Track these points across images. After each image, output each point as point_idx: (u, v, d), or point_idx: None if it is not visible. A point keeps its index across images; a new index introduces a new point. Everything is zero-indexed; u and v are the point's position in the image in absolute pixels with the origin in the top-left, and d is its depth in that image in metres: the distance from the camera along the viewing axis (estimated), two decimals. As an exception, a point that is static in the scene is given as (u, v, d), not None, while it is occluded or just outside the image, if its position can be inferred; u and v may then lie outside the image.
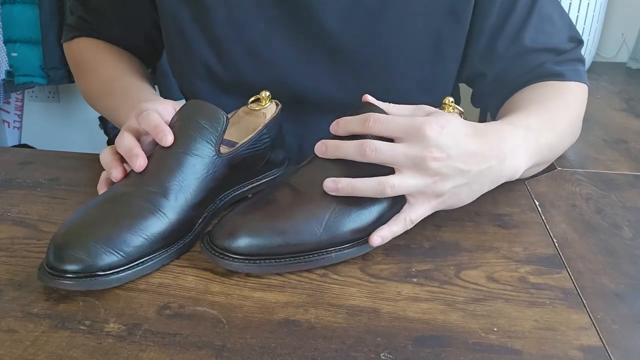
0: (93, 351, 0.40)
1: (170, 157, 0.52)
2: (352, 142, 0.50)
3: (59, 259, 0.45)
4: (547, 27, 0.70)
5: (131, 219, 0.48)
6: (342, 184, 0.49)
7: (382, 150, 0.49)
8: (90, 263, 0.45)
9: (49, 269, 0.45)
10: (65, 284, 0.45)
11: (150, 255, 0.49)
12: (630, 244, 0.55)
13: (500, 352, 0.40)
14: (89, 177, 0.67)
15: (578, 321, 0.44)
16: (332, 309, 0.45)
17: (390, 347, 0.41)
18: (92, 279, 0.45)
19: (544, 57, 0.70)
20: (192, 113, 0.55)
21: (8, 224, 0.57)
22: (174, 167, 0.51)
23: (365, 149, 0.49)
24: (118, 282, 0.46)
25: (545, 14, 0.70)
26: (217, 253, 0.48)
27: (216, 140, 0.54)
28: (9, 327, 0.42)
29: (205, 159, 0.53)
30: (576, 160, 0.79)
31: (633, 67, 1.40)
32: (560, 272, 0.50)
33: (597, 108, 1.08)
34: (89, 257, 0.45)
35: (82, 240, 0.46)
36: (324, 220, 0.49)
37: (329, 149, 0.51)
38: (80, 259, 0.45)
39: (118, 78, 0.74)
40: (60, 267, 0.45)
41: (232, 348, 0.40)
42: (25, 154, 0.76)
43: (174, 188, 0.51)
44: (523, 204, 0.62)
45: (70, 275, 0.45)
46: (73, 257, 0.45)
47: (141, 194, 0.50)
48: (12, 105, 2.35)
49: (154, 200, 0.50)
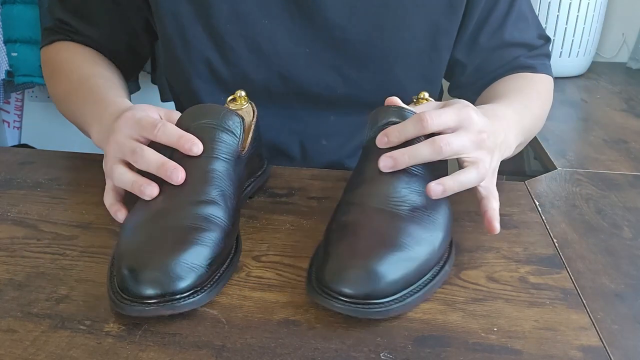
0: (93, 351, 0.40)
1: (200, 164, 0.50)
2: (423, 143, 0.49)
3: (136, 284, 0.41)
4: (522, 24, 0.76)
5: (196, 232, 0.45)
6: (399, 157, 0.49)
7: (453, 142, 0.50)
8: (171, 286, 0.42)
9: (126, 296, 0.42)
10: (148, 310, 0.41)
11: (220, 269, 0.47)
12: (630, 244, 0.55)
13: (500, 352, 0.40)
14: (89, 177, 0.67)
15: (578, 321, 0.44)
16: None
17: (390, 347, 0.41)
18: (173, 303, 0.42)
19: (519, 52, 0.76)
20: (199, 116, 0.53)
21: (8, 224, 0.57)
22: (209, 174, 0.49)
23: (440, 145, 0.49)
24: (200, 304, 0.43)
25: (521, 11, 0.76)
26: (353, 304, 0.42)
27: (239, 140, 0.53)
28: (9, 327, 0.42)
29: (231, 162, 0.51)
30: (576, 160, 0.79)
31: (633, 67, 1.40)
32: (560, 272, 0.50)
33: (597, 108, 1.08)
34: (169, 279, 0.42)
35: (158, 263, 0.42)
36: (437, 246, 0.46)
37: (399, 161, 0.48)
38: (160, 283, 0.41)
39: (89, 78, 0.69)
40: (140, 293, 0.41)
41: (232, 348, 0.40)
42: (25, 154, 0.76)
43: (218, 194, 0.48)
44: (523, 204, 0.62)
45: (152, 301, 0.41)
46: (153, 281, 0.41)
47: (187, 205, 0.47)
48: (12, 105, 2.35)
49: (205, 210, 0.47)
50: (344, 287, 0.41)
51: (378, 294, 0.42)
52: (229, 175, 0.51)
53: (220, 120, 0.52)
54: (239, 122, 0.54)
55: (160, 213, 0.47)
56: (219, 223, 0.47)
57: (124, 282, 0.42)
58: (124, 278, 0.42)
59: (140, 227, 0.46)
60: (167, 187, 0.49)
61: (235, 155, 0.52)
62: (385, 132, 0.50)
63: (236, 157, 0.53)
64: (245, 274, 0.49)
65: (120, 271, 0.43)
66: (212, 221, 0.46)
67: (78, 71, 0.71)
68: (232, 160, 0.52)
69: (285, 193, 0.64)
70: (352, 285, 0.41)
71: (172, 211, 0.47)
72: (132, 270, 0.42)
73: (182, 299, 0.42)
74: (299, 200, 0.62)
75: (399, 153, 0.49)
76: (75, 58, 0.74)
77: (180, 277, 0.42)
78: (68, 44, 0.77)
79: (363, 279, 0.42)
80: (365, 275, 0.42)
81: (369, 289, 0.42)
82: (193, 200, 0.47)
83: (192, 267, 0.43)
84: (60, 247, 0.53)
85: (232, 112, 0.54)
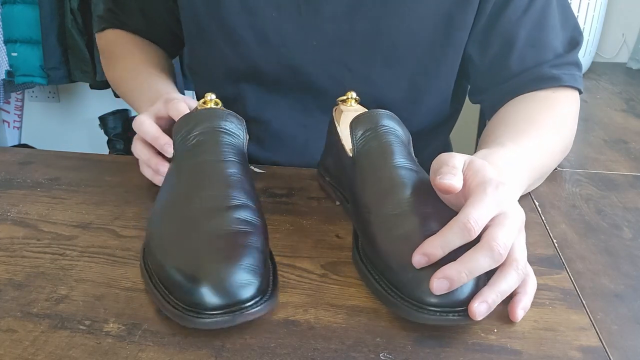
0: (92, 351, 0.40)
1: (216, 169, 0.49)
2: (481, 254, 0.41)
3: (202, 296, 0.39)
4: (548, 22, 0.68)
5: (245, 236, 0.44)
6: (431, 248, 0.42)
7: (507, 241, 0.42)
8: (238, 294, 0.40)
9: (193, 308, 0.40)
10: (220, 320, 0.39)
11: (271, 272, 0.45)
12: (630, 245, 0.55)
13: (500, 353, 0.40)
14: (89, 177, 0.67)
15: (578, 321, 0.44)
16: (331, 309, 0.45)
17: (390, 347, 0.41)
18: (242, 312, 0.40)
19: (542, 56, 0.68)
20: (201, 121, 0.53)
21: (8, 224, 0.57)
22: (230, 178, 0.49)
23: (500, 252, 0.41)
24: (263, 312, 0.41)
25: (547, 7, 0.68)
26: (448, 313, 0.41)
27: (243, 141, 0.54)
28: (9, 326, 0.42)
29: (241, 163, 0.51)
30: (576, 161, 0.79)
31: (633, 67, 1.40)
32: (560, 272, 0.50)
33: (597, 108, 1.08)
34: (235, 287, 0.40)
35: (220, 271, 0.40)
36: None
37: (456, 281, 0.40)
38: (226, 292, 0.39)
39: (140, 67, 0.78)
40: (208, 304, 0.39)
41: (231, 348, 0.40)
42: (25, 154, 0.76)
43: (245, 196, 0.48)
44: (523, 204, 0.62)
45: (217, 312, 0.39)
46: (221, 290, 0.39)
47: (224, 211, 0.46)
48: (12, 105, 2.35)
49: (242, 213, 0.46)
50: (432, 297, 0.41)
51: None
52: (244, 176, 0.51)
53: (225, 123, 0.53)
54: (241, 123, 0.54)
55: (195, 220, 0.45)
56: (257, 224, 0.46)
57: (189, 295, 0.40)
58: (189, 291, 0.40)
59: (180, 236, 0.44)
60: (191, 195, 0.48)
61: (242, 156, 0.53)
62: (422, 251, 0.42)
63: (243, 158, 0.53)
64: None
65: (179, 284, 0.41)
66: (251, 223, 0.46)
67: (130, 62, 0.81)
68: (241, 161, 0.52)
69: (285, 193, 0.64)
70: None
71: (210, 218, 0.45)
72: (194, 282, 0.40)
73: (251, 306, 0.40)
74: (299, 200, 0.62)
75: (455, 272, 0.40)
76: (125, 49, 0.84)
77: (245, 284, 0.40)
78: (117, 32, 0.86)
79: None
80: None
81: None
82: (226, 205, 0.46)
83: (254, 270, 0.41)
84: (60, 247, 0.53)
85: (233, 114, 0.54)
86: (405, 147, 0.53)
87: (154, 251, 0.45)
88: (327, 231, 0.56)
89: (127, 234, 0.55)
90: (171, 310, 0.41)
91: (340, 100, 0.62)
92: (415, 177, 0.50)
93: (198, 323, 0.39)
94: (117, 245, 0.53)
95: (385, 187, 0.49)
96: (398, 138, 0.53)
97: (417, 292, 0.41)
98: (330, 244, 0.54)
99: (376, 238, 0.46)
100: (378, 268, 0.45)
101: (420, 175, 0.50)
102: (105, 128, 2.26)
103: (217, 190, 0.48)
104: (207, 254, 0.42)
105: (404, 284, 0.42)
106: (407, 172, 0.50)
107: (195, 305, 0.40)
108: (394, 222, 0.46)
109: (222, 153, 0.51)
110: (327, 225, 0.57)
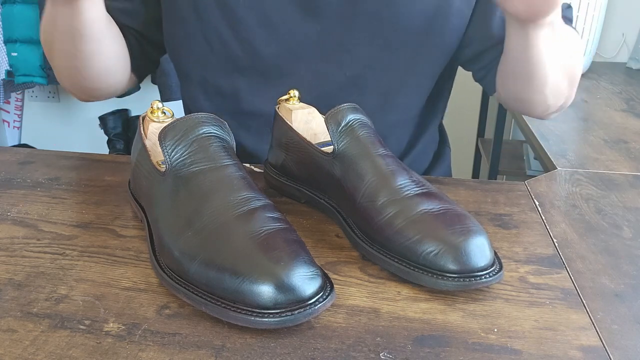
0: (92, 351, 0.40)
1: (225, 173, 0.49)
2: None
3: (272, 298, 0.40)
4: None
5: (283, 232, 0.44)
6: None
7: None
8: (303, 289, 0.41)
9: (266, 311, 0.41)
10: (299, 315, 0.41)
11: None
12: (630, 244, 0.55)
13: (500, 352, 0.40)
14: (89, 177, 0.67)
15: (578, 321, 0.44)
16: (331, 308, 0.45)
17: (390, 347, 0.41)
18: (311, 307, 0.41)
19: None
20: (192, 127, 0.51)
21: (8, 223, 0.57)
22: (242, 180, 0.49)
23: None
24: (324, 308, 0.42)
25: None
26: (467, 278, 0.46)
27: (232, 142, 0.53)
28: (9, 326, 0.42)
29: (240, 164, 0.51)
30: (576, 160, 0.79)
31: (633, 67, 1.40)
32: (560, 272, 0.50)
33: (597, 108, 1.08)
34: (303, 283, 0.41)
35: (286, 271, 0.41)
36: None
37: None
38: (293, 289, 0.41)
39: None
40: (278, 302, 0.40)
41: (231, 348, 0.40)
42: (25, 154, 0.76)
43: (262, 195, 0.48)
44: (523, 204, 0.62)
45: (280, 311, 0.40)
46: (290, 288, 0.41)
47: (254, 212, 0.46)
48: (12, 105, 2.35)
49: (269, 212, 0.46)
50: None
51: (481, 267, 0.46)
52: (248, 176, 0.51)
53: (210, 128, 0.52)
54: (224, 125, 0.53)
55: (228, 228, 0.44)
56: (285, 219, 0.47)
57: (260, 298, 0.41)
58: (260, 294, 0.41)
59: (222, 248, 0.43)
60: (211, 204, 0.47)
61: (236, 157, 0.52)
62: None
63: (237, 159, 0.53)
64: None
65: (247, 292, 0.41)
66: (281, 219, 0.46)
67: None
68: (237, 163, 0.51)
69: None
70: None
71: (244, 222, 0.45)
72: (263, 284, 0.40)
73: (316, 302, 0.41)
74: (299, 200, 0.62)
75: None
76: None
77: (309, 278, 0.41)
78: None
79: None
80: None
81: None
82: (252, 207, 0.46)
83: (310, 263, 0.42)
84: (60, 247, 0.53)
85: (218, 119, 0.53)
86: (377, 135, 0.57)
87: (200, 274, 0.43)
88: (327, 231, 0.56)
89: (127, 233, 0.55)
90: (235, 316, 0.41)
91: (284, 99, 0.64)
92: (401, 166, 0.54)
93: (276, 323, 0.40)
94: (117, 245, 0.53)
95: (383, 173, 0.52)
96: (371, 128, 0.57)
97: (440, 261, 0.46)
98: (330, 244, 0.54)
99: (386, 223, 0.50)
100: (392, 250, 0.49)
101: (403, 165, 0.55)
102: (105, 128, 2.26)
103: (237, 193, 0.47)
104: (262, 255, 0.42)
105: (424, 257, 0.47)
106: (391, 160, 0.54)
107: (272, 308, 0.41)
108: (406, 203, 0.50)
109: (221, 158, 0.50)
110: (327, 225, 0.57)
